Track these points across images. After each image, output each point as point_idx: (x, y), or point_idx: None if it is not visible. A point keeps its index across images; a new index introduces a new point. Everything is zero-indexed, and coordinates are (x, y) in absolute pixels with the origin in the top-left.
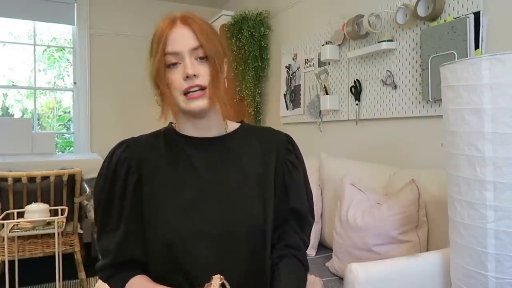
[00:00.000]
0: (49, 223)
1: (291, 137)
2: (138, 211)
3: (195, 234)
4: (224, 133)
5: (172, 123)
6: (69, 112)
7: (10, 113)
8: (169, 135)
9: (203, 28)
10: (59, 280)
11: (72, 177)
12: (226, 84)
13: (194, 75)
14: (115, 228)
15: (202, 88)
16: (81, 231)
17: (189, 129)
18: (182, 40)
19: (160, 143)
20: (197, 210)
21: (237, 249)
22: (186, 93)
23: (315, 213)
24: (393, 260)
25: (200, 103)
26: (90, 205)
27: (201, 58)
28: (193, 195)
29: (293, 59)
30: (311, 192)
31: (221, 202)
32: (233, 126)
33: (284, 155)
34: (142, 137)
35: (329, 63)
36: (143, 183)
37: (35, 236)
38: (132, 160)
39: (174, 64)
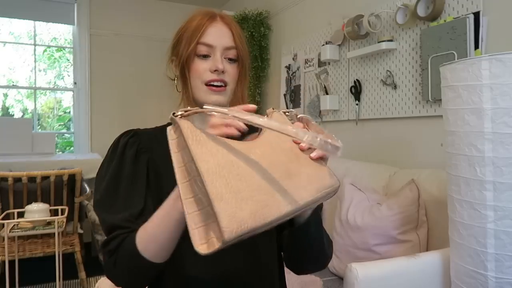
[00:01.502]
0: (49, 223)
1: None
2: (149, 190)
3: None
4: None
5: None
6: (69, 112)
7: (10, 113)
8: (163, 129)
9: (239, 31)
10: (59, 280)
11: (72, 177)
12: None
13: (223, 72)
14: (124, 207)
15: (225, 85)
16: (81, 231)
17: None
18: (220, 36)
19: (165, 135)
20: None
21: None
22: (208, 84)
23: None
24: (393, 260)
25: (219, 98)
26: (90, 205)
27: (230, 59)
28: None
29: (293, 59)
30: None
31: None
32: None
33: None
34: (148, 129)
35: (329, 63)
36: (149, 169)
37: (35, 236)
38: (140, 144)
39: (204, 55)
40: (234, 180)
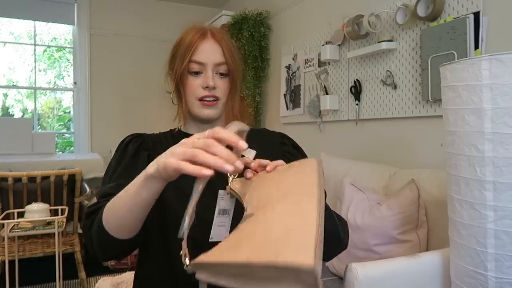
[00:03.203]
0: (49, 223)
1: (284, 134)
2: None
3: (194, 220)
4: None
5: (179, 127)
6: (69, 112)
7: (10, 113)
8: (176, 135)
9: (229, 46)
10: (59, 280)
11: (72, 177)
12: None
13: (213, 88)
14: (119, 184)
15: (216, 99)
16: (81, 231)
17: (195, 131)
18: (210, 53)
19: (168, 139)
20: (200, 199)
21: None
22: (201, 99)
23: None
24: (393, 260)
25: (211, 112)
26: None
27: (221, 74)
28: None
29: (293, 59)
30: None
31: None
32: None
33: (281, 149)
34: (153, 134)
35: (329, 63)
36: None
37: (35, 236)
38: (143, 143)
39: (197, 72)
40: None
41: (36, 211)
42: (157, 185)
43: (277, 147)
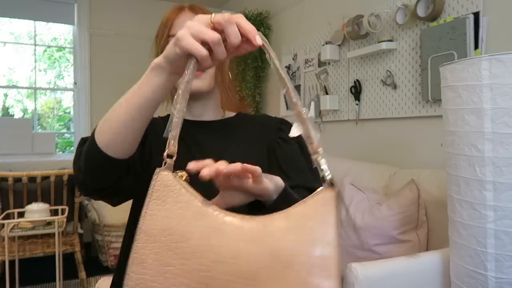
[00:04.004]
0: (49, 223)
1: (285, 120)
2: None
3: None
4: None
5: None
6: (69, 112)
7: (10, 113)
8: (165, 118)
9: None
10: (59, 280)
11: (72, 177)
12: (230, 76)
13: None
14: None
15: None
16: (81, 231)
17: (188, 111)
18: None
19: (160, 122)
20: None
21: None
22: None
23: None
24: (393, 260)
25: (199, 83)
26: (90, 205)
27: None
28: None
29: (293, 59)
30: (315, 168)
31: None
32: (229, 114)
33: (275, 135)
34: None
35: (329, 63)
36: (146, 138)
37: (35, 236)
38: None
39: None
40: (171, 251)
41: (36, 211)
42: (162, 77)
43: (271, 131)
